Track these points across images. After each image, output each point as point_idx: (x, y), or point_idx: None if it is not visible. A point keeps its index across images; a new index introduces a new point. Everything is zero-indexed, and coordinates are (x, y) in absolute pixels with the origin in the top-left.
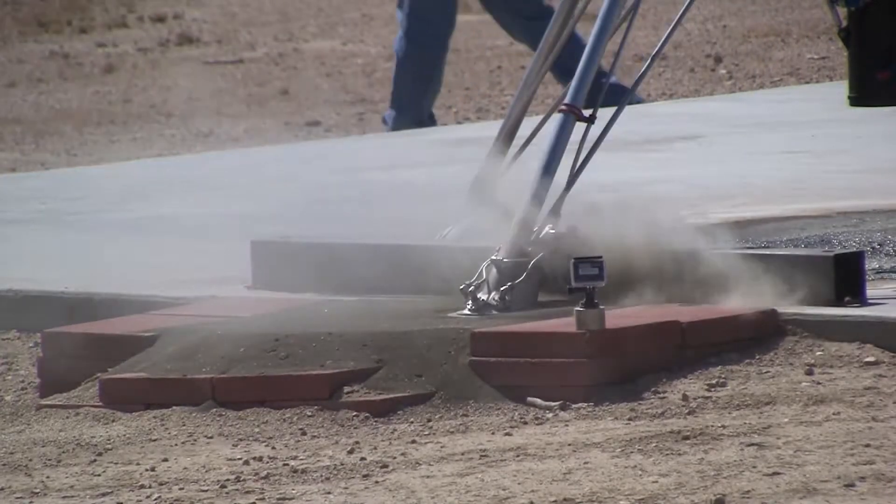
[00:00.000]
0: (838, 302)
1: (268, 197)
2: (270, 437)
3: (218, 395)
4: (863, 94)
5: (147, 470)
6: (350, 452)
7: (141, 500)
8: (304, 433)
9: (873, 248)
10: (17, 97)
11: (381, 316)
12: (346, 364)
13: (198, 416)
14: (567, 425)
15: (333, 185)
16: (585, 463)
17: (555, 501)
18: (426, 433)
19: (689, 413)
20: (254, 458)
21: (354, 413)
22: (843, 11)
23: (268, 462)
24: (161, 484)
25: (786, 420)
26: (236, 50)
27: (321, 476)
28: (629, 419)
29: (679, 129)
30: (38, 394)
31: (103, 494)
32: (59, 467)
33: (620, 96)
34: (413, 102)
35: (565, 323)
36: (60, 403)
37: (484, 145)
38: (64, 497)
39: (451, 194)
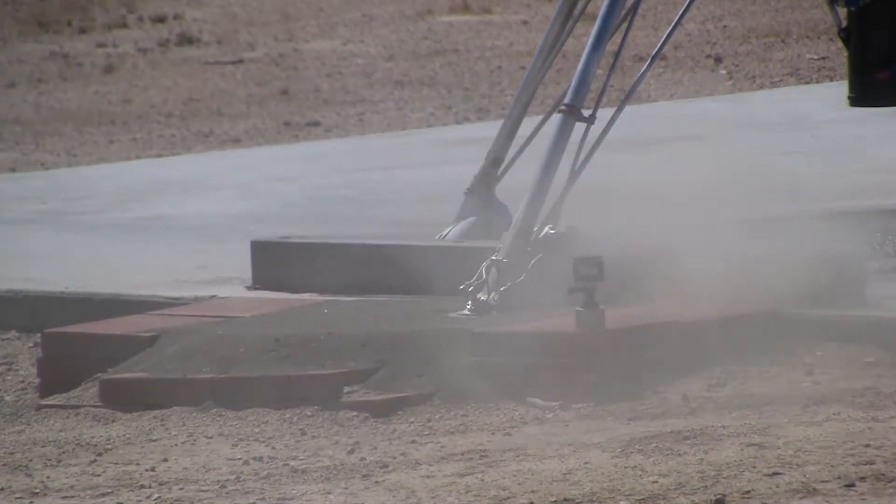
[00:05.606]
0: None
1: (268, 197)
2: (270, 437)
3: (218, 395)
4: (863, 94)
5: (147, 470)
6: (350, 452)
7: (141, 500)
8: (304, 433)
9: (873, 248)
10: (17, 97)
11: (381, 316)
12: (346, 364)
13: (198, 416)
14: (567, 425)
15: (333, 185)
16: (585, 463)
17: (555, 501)
18: (426, 433)
19: (689, 413)
20: (254, 458)
21: (354, 413)
22: (843, 12)
23: (268, 462)
24: (161, 484)
25: (786, 420)
26: (236, 50)
27: (321, 476)
28: (629, 419)
29: (679, 129)
30: (38, 394)
31: (103, 494)
32: (59, 467)
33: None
34: None
35: (565, 323)
36: (60, 403)
37: (484, 145)
38: (64, 497)
39: (450, 194)
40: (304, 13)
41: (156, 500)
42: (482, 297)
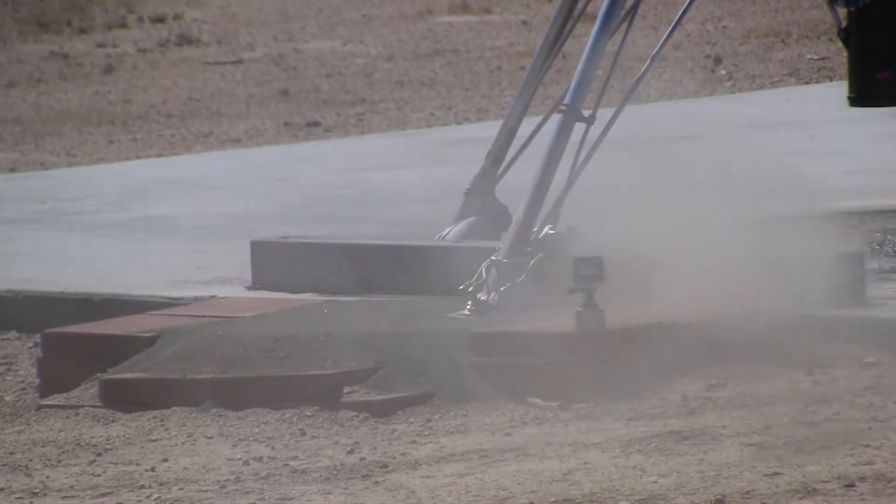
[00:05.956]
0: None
1: (268, 197)
2: (270, 438)
3: (218, 396)
4: (863, 94)
5: (147, 470)
6: (350, 452)
7: (141, 500)
8: (303, 433)
9: (873, 248)
10: (17, 97)
11: (381, 316)
12: (346, 364)
13: (198, 417)
14: (567, 425)
15: (333, 185)
16: (585, 463)
17: (555, 501)
18: (426, 433)
19: (689, 413)
20: (254, 459)
21: (354, 413)
22: (842, 12)
23: (268, 462)
24: (161, 484)
25: (786, 420)
26: (236, 50)
27: (321, 476)
28: (629, 419)
29: (679, 129)
30: (38, 394)
31: (103, 495)
32: (59, 467)
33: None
34: None
35: (565, 323)
36: (60, 403)
37: (484, 145)
38: (64, 497)
39: (450, 194)
40: (304, 13)
41: (156, 500)
42: (482, 297)
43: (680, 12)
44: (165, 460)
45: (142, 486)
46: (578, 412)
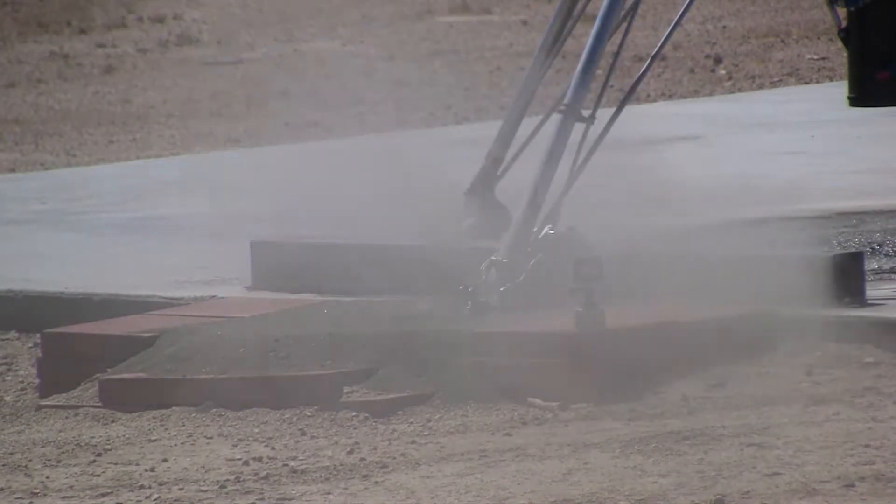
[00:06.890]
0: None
1: (268, 197)
2: (270, 438)
3: (218, 396)
4: (863, 94)
5: (147, 470)
6: (350, 453)
7: (141, 501)
8: (303, 433)
9: (873, 248)
10: (17, 97)
11: (381, 316)
12: (346, 364)
13: (197, 417)
14: (567, 426)
15: (333, 185)
16: (585, 463)
17: (554, 502)
18: (426, 433)
19: (688, 413)
20: (253, 459)
21: (354, 413)
22: (842, 12)
23: (267, 462)
24: (161, 484)
25: (786, 420)
26: (236, 51)
27: (321, 476)
28: (629, 419)
29: (679, 129)
30: (37, 394)
31: (103, 495)
32: (59, 467)
33: None
34: None
35: (565, 323)
36: (60, 404)
37: (484, 145)
38: (64, 497)
39: (450, 195)
40: (303, 13)
41: (155, 500)
42: (482, 297)
43: (680, 12)
44: (165, 460)
45: (142, 486)
46: (578, 412)
